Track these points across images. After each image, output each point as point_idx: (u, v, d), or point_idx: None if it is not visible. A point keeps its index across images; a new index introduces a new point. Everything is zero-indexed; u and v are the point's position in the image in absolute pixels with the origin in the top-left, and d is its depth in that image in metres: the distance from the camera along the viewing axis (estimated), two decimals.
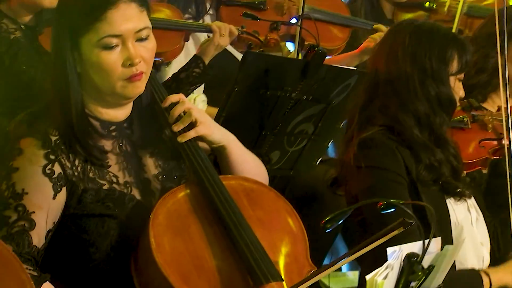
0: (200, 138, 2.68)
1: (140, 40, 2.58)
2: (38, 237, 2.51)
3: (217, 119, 3.60)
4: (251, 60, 3.65)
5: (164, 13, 4.03)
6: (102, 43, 2.54)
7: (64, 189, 2.56)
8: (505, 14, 3.43)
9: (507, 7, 3.51)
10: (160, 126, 2.73)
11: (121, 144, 2.66)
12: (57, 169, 2.55)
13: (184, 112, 2.67)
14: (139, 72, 2.57)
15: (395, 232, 2.44)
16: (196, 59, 4.01)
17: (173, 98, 2.69)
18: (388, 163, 3.11)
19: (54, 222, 2.55)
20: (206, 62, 4.02)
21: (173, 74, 4.08)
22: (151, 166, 2.70)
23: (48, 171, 2.54)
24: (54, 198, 2.54)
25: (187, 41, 4.04)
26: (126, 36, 2.55)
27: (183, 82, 4.03)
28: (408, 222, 2.44)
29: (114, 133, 2.66)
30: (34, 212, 2.50)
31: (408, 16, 4.85)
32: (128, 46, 2.55)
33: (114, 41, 2.55)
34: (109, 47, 2.55)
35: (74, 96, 2.58)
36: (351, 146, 3.18)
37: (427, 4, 4.92)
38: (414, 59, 3.16)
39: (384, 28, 4.54)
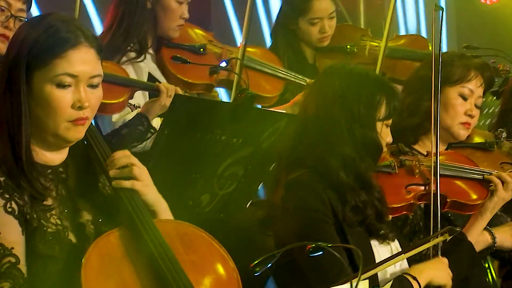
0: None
1: (91, 86, 2.62)
2: (23, 270, 2.51)
3: (146, 162, 3.57)
4: (181, 103, 3.66)
5: (111, 69, 4.00)
6: (57, 80, 2.57)
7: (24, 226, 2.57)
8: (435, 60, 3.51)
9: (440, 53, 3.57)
10: (95, 172, 2.73)
11: (57, 188, 2.65)
12: (15, 206, 2.55)
13: (127, 165, 2.68)
14: (85, 116, 2.61)
15: (440, 239, 2.42)
16: (140, 117, 3.97)
17: (119, 154, 2.70)
18: (316, 205, 3.13)
19: None
20: (151, 120, 3.99)
21: (114, 129, 4.05)
22: (86, 210, 2.68)
23: (9, 209, 2.54)
24: (23, 234, 2.56)
25: (131, 99, 4.02)
26: (81, 78, 2.59)
27: (124, 138, 3.99)
28: (455, 230, 2.41)
29: (51, 176, 2.65)
30: (13, 248, 2.51)
31: (329, 61, 4.88)
32: (80, 88, 2.59)
33: (69, 80, 2.57)
34: (63, 85, 2.57)
35: (25, 128, 2.58)
36: (279, 188, 3.20)
37: (348, 48, 4.98)
38: (343, 103, 3.19)
39: None
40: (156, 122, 4.02)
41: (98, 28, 5.19)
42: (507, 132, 3.94)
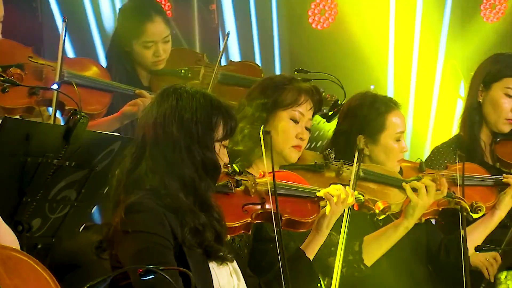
0: None
1: None
2: None
3: None
4: (11, 125, 3.58)
5: None
6: None
7: None
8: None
9: (274, 75, 3.63)
10: None
11: None
12: None
13: None
14: None
15: None
16: None
17: None
18: (155, 228, 3.11)
19: None
20: None
21: None
22: None
23: None
24: None
25: None
26: None
27: None
28: None
29: None
30: None
31: (164, 84, 4.85)
32: None
33: None
34: None
35: None
36: (118, 211, 3.17)
37: (182, 72, 5.00)
38: (181, 124, 3.19)
39: (146, 94, 4.59)
40: None
41: None
42: (337, 153, 4.05)
